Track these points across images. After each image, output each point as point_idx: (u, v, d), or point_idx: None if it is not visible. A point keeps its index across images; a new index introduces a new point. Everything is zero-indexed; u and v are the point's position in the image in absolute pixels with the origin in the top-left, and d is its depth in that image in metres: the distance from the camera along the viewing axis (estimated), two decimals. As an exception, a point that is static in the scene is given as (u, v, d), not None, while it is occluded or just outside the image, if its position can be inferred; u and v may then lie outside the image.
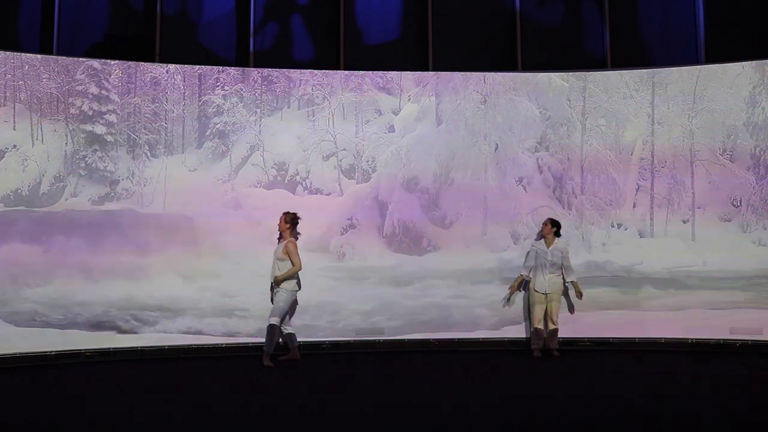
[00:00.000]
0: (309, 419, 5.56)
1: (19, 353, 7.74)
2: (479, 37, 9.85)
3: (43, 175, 8.18)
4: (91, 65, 8.44)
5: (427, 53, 9.67)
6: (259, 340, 7.93)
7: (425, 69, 9.51)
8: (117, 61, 8.55)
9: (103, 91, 8.44)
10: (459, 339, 8.77)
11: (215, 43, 9.58)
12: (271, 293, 7.82)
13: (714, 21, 9.51)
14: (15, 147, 8.10)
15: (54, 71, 8.29)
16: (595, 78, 9.19)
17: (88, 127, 8.36)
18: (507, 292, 8.72)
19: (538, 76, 9.24)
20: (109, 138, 8.44)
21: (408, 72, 9.22)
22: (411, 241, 8.96)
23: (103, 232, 8.25)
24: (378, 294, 8.77)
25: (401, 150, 9.05)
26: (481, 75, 9.18)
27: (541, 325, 8.43)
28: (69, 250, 8.10)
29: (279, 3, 9.74)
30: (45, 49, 8.92)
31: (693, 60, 9.41)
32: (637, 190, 9.07)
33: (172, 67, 8.74)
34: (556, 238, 8.51)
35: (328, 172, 8.96)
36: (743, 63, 8.79)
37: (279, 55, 9.61)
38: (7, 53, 8.18)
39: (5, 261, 7.83)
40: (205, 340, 8.40)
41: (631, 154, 9.09)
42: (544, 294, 8.43)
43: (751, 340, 8.42)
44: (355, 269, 8.80)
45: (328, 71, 9.15)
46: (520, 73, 9.38)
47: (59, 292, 8.01)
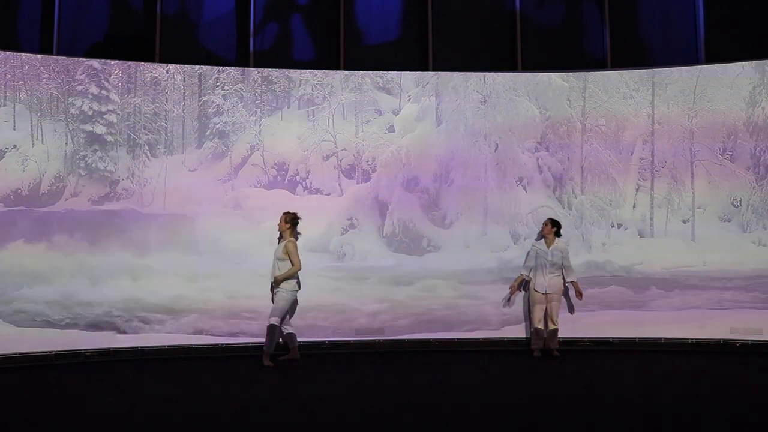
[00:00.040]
0: (309, 419, 5.56)
1: (19, 353, 7.75)
2: (479, 37, 9.85)
3: (43, 175, 8.18)
4: (91, 65, 8.44)
5: (427, 53, 9.67)
6: (260, 340, 7.93)
7: (425, 69, 9.51)
8: (117, 61, 8.56)
9: (103, 91, 8.44)
10: (459, 339, 8.77)
11: (215, 43, 9.58)
12: (271, 293, 7.83)
13: (714, 21, 9.51)
14: (15, 147, 8.10)
15: (54, 71, 8.30)
16: (595, 78, 9.19)
17: (88, 127, 8.37)
18: (507, 292, 8.73)
19: (538, 76, 9.24)
20: (109, 138, 8.44)
21: (408, 72, 9.22)
22: (411, 241, 8.96)
23: (103, 232, 8.26)
24: (378, 294, 8.77)
25: (401, 150, 9.05)
26: (481, 75, 9.18)
27: (541, 325, 8.44)
28: (69, 250, 8.11)
29: (279, 3, 9.75)
30: (45, 49, 8.92)
31: (693, 60, 9.42)
32: (637, 190, 9.07)
33: (172, 67, 8.74)
34: (557, 238, 8.51)
35: (328, 172, 8.96)
36: (743, 63, 8.79)
37: (279, 55, 9.61)
38: (7, 53, 8.18)
39: (5, 261, 7.84)
40: (205, 340, 8.41)
41: (631, 154, 9.10)
42: (544, 294, 8.44)
43: (751, 340, 8.42)
44: (355, 269, 8.80)
45: (328, 71, 9.15)
46: (520, 73, 9.38)
47: (59, 292, 8.02)
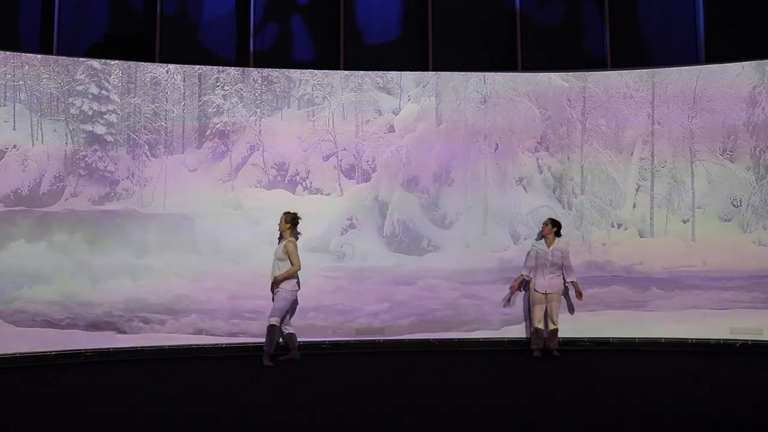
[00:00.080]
0: (309, 419, 5.56)
1: (19, 353, 7.75)
2: (479, 37, 9.85)
3: (43, 175, 8.18)
4: (91, 65, 8.44)
5: (427, 53, 9.67)
6: (260, 340, 7.93)
7: (425, 69, 9.51)
8: (117, 61, 8.56)
9: (103, 91, 8.44)
10: (459, 339, 8.77)
11: (215, 43, 9.59)
12: (271, 293, 7.83)
13: (714, 21, 9.51)
14: (15, 147, 8.10)
15: (54, 71, 8.30)
16: (595, 78, 9.19)
17: (88, 127, 8.37)
18: (507, 292, 8.73)
19: (538, 76, 9.24)
20: (109, 138, 8.44)
21: (408, 72, 9.22)
22: (411, 241, 8.96)
23: (102, 232, 8.26)
24: (378, 294, 8.76)
25: (401, 150, 9.05)
26: (481, 75, 9.18)
27: (541, 325, 8.44)
28: (69, 250, 8.11)
29: (279, 3, 9.75)
30: (45, 49, 8.92)
31: (693, 60, 9.42)
32: (637, 190, 9.07)
33: (172, 67, 8.74)
34: (557, 238, 8.51)
35: (328, 172, 8.96)
36: (743, 63, 8.79)
37: (279, 55, 9.62)
38: (7, 53, 8.18)
39: (5, 261, 7.84)
40: (205, 340, 8.40)
41: (631, 154, 9.10)
42: (545, 294, 8.43)
43: (751, 340, 8.42)
44: (355, 269, 8.81)
45: (328, 71, 9.14)
46: (520, 73, 9.38)
47: (59, 292, 8.01)
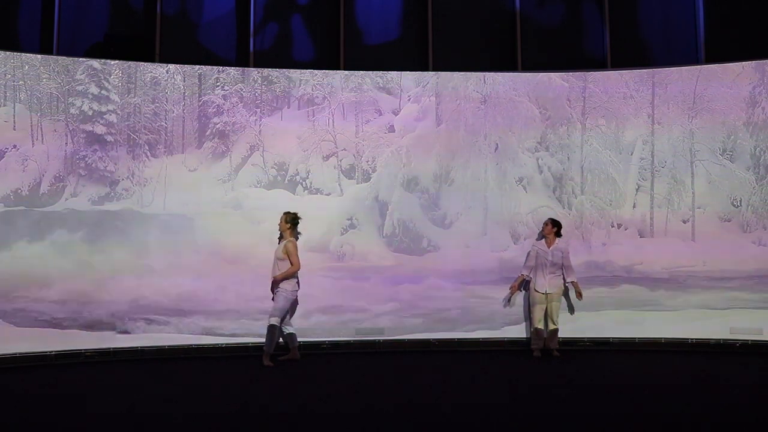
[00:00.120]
0: (309, 419, 5.56)
1: (19, 353, 7.75)
2: (479, 37, 9.85)
3: (43, 175, 8.18)
4: (91, 65, 8.44)
5: (427, 53, 9.67)
6: (260, 340, 7.93)
7: (425, 69, 9.52)
8: (117, 61, 8.56)
9: (103, 91, 8.44)
10: (459, 339, 8.77)
11: (215, 43, 9.59)
12: (271, 293, 7.82)
13: (714, 21, 9.52)
14: (15, 147, 8.10)
15: (54, 71, 8.30)
16: (595, 78, 9.19)
17: (88, 127, 8.37)
18: (508, 292, 8.73)
19: (538, 76, 9.24)
20: (109, 138, 8.44)
21: (408, 72, 9.22)
22: (411, 241, 8.96)
23: (102, 232, 8.26)
24: (378, 294, 8.76)
25: (401, 150, 9.05)
26: (481, 75, 9.18)
27: (541, 325, 8.44)
28: (69, 250, 8.11)
29: (279, 3, 9.75)
30: (45, 49, 8.93)
31: (693, 60, 9.42)
32: (637, 190, 9.07)
33: (172, 67, 8.74)
34: (557, 238, 8.51)
35: (328, 172, 8.96)
36: (743, 63, 8.79)
37: (279, 55, 9.62)
38: (7, 53, 8.18)
39: (5, 261, 7.84)
40: (205, 340, 8.40)
41: (631, 154, 9.09)
42: (545, 294, 8.43)
43: (751, 340, 8.42)
44: (356, 269, 8.80)
45: (328, 71, 9.15)
46: (520, 73, 9.38)
47: (59, 292, 8.01)
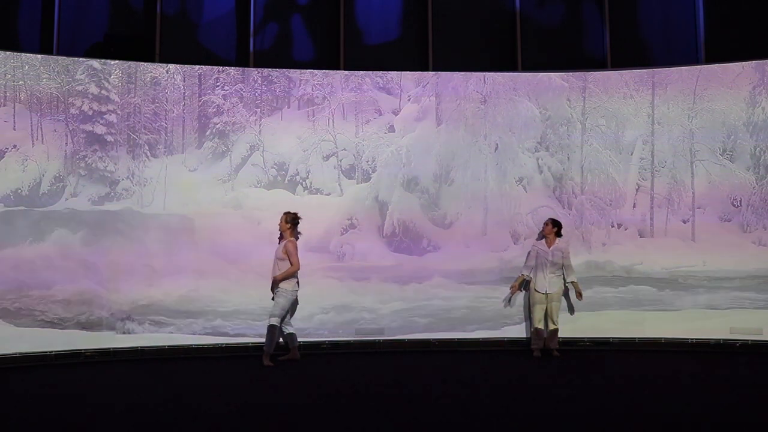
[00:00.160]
0: (309, 419, 5.56)
1: (19, 353, 7.75)
2: (479, 37, 9.86)
3: (43, 175, 8.18)
4: (91, 65, 8.44)
5: (427, 53, 9.67)
6: (260, 340, 7.93)
7: (425, 69, 9.52)
8: (117, 61, 8.55)
9: (103, 91, 8.44)
10: (459, 339, 8.77)
11: (215, 43, 9.59)
12: (272, 293, 7.82)
13: (714, 21, 9.52)
14: (15, 147, 8.10)
15: (54, 71, 8.30)
16: (595, 78, 9.19)
17: (88, 127, 8.37)
18: (508, 292, 8.73)
19: (538, 76, 9.24)
20: (109, 138, 8.44)
21: (408, 72, 9.22)
22: (411, 241, 8.96)
23: (102, 232, 8.26)
24: (378, 294, 8.76)
25: (401, 150, 9.05)
26: (481, 75, 9.18)
27: (541, 325, 8.44)
28: (68, 250, 8.10)
29: (279, 3, 9.75)
30: (45, 49, 8.93)
31: (693, 60, 9.42)
32: (637, 190, 9.07)
33: (172, 67, 8.74)
34: (557, 238, 8.51)
35: (328, 172, 8.96)
36: (743, 63, 8.79)
37: (279, 55, 9.62)
38: (7, 53, 8.18)
39: (5, 261, 7.83)
40: (205, 340, 8.40)
41: (631, 154, 9.09)
42: (545, 294, 8.44)
43: (751, 340, 8.42)
44: (355, 269, 8.80)
45: (328, 71, 9.15)
46: (520, 73, 9.38)
47: (59, 292, 8.01)
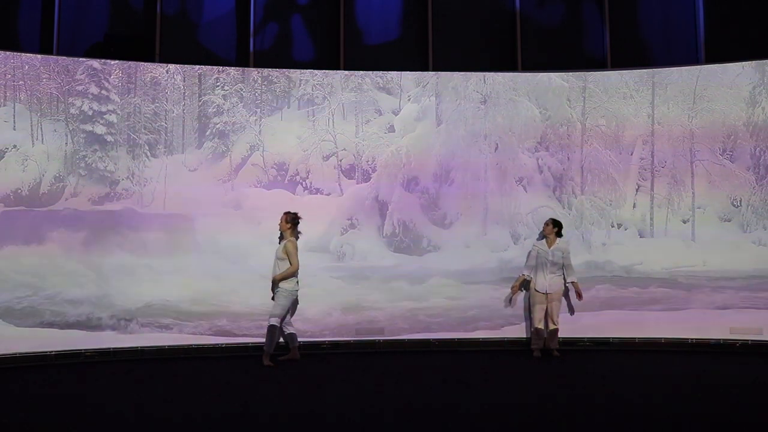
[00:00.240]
0: (309, 419, 5.56)
1: (19, 353, 7.75)
2: (479, 37, 9.85)
3: (43, 175, 8.18)
4: (91, 65, 8.44)
5: (427, 53, 9.67)
6: (260, 340, 7.93)
7: (425, 69, 9.51)
8: (117, 61, 8.55)
9: (103, 91, 8.44)
10: (459, 339, 8.77)
11: (215, 43, 9.59)
12: (272, 293, 7.82)
13: (714, 21, 9.52)
14: (15, 147, 8.10)
15: (54, 71, 8.29)
16: (595, 78, 9.19)
17: (88, 127, 8.37)
18: (508, 292, 8.73)
19: (538, 76, 9.24)
20: (109, 138, 8.44)
21: (408, 72, 9.22)
22: (411, 241, 8.96)
23: (102, 232, 8.26)
24: (378, 294, 8.76)
25: (401, 150, 9.05)
26: (481, 75, 9.18)
27: (541, 325, 8.44)
28: (69, 250, 8.10)
29: (279, 3, 9.75)
30: (45, 49, 8.92)
31: (693, 60, 9.42)
32: (637, 190, 9.07)
33: (172, 67, 8.74)
34: (558, 239, 8.51)
35: (328, 172, 8.96)
36: (743, 63, 8.79)
37: (279, 55, 9.62)
38: (7, 53, 8.18)
39: (5, 261, 7.83)
40: (205, 340, 8.40)
41: (631, 154, 9.10)
42: (545, 294, 8.43)
43: (751, 340, 8.42)
44: (355, 269, 8.81)
45: (328, 71, 9.15)
46: (520, 73, 9.38)
47: (59, 292, 8.01)
